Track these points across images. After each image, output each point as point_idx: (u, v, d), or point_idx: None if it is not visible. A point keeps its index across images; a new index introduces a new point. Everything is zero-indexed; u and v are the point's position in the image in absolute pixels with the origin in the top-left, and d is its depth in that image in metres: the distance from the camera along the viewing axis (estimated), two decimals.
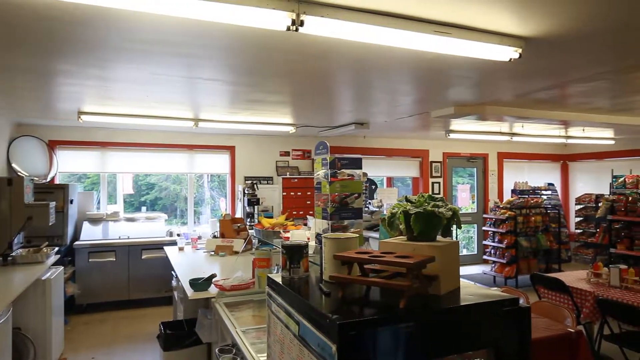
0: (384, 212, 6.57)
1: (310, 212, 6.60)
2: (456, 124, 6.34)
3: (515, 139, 7.48)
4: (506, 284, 6.90)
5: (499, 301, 1.24)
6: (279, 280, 1.51)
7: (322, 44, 2.71)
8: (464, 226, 8.94)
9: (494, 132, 7.08)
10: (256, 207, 6.50)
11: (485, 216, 8.04)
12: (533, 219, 7.38)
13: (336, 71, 3.44)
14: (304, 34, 2.29)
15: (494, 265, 7.49)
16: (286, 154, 7.63)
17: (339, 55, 2.98)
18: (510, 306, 1.24)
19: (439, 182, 8.78)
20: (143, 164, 6.86)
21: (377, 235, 5.50)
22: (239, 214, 6.80)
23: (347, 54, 2.95)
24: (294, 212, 6.72)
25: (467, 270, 8.25)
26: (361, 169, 2.20)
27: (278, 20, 2.09)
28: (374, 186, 7.97)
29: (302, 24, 2.10)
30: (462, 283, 1.40)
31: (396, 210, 1.50)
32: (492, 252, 7.55)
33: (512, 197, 8.42)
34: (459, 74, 3.50)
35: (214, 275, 3.15)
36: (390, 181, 8.92)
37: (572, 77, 3.63)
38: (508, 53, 2.65)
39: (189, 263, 4.28)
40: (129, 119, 5.33)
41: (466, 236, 9.30)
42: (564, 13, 2.25)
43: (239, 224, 5.24)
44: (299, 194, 7.15)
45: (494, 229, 7.51)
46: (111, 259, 5.90)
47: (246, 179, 7.19)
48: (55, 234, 5.46)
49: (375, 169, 8.28)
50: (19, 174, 5.74)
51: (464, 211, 9.09)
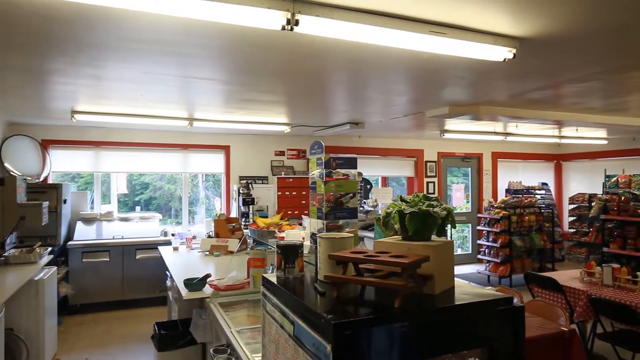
0: (379, 212, 6.59)
1: (305, 212, 6.59)
2: (451, 123, 6.37)
3: (510, 138, 7.52)
4: (500, 283, 6.93)
5: (493, 300, 1.25)
6: (273, 280, 1.51)
7: (317, 43, 2.71)
8: (458, 226, 8.97)
9: (488, 132, 7.11)
10: (251, 206, 6.49)
11: (479, 216, 8.07)
12: (527, 218, 7.42)
13: (331, 71, 3.44)
14: (299, 33, 2.29)
15: (488, 264, 7.53)
16: (281, 153, 7.63)
17: (334, 55, 2.98)
18: (505, 305, 1.25)
19: (433, 182, 8.81)
20: (137, 163, 6.82)
21: (372, 234, 5.51)
22: (233, 214, 6.78)
23: (342, 53, 2.95)
24: (289, 212, 6.72)
25: (462, 269, 8.29)
26: (356, 168, 2.20)
27: (273, 19, 2.09)
28: (369, 186, 7.97)
29: (297, 23, 2.10)
30: (456, 282, 1.40)
31: (391, 210, 1.50)
32: (487, 251, 7.58)
33: (506, 196, 8.47)
34: (453, 74, 3.51)
35: (208, 275, 3.14)
36: (385, 181, 8.93)
37: (566, 78, 3.65)
38: (502, 53, 2.66)
39: (183, 263, 4.27)
40: (123, 118, 5.30)
41: (460, 235, 9.33)
42: (558, 14, 2.26)
43: (233, 224, 5.23)
44: (294, 193, 7.15)
45: (488, 229, 7.55)
46: (105, 259, 5.87)
47: (241, 178, 7.18)
48: (49, 234, 5.42)
49: (370, 168, 8.29)
50: (11, 173, 5.69)
51: (458, 211, 9.13)
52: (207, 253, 4.69)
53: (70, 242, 5.77)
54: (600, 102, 4.86)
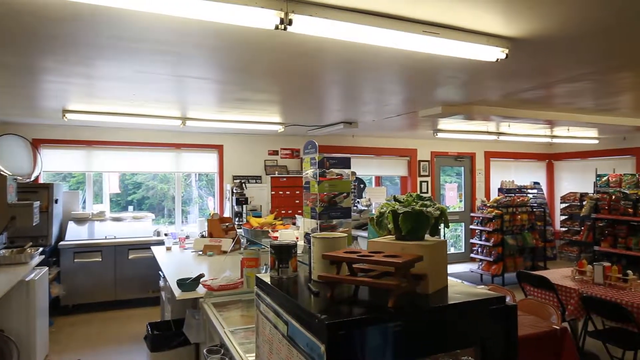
0: (373, 211, 6.60)
1: (299, 212, 6.59)
2: (444, 123, 6.39)
3: (502, 138, 7.56)
4: (493, 282, 6.98)
5: (486, 300, 1.26)
6: (267, 280, 1.50)
7: (310, 43, 2.70)
8: (451, 225, 9.01)
9: (481, 131, 7.14)
10: (244, 206, 6.48)
11: (472, 215, 8.11)
12: (519, 217, 7.48)
13: (325, 70, 3.44)
14: (293, 32, 2.28)
15: (481, 263, 7.57)
16: (275, 153, 7.61)
17: (328, 54, 2.98)
18: (497, 304, 1.25)
19: (427, 181, 8.84)
20: (130, 163, 6.77)
21: (366, 234, 5.52)
22: (227, 214, 6.76)
23: (336, 53, 2.95)
24: (283, 212, 6.72)
25: (455, 268, 8.33)
26: (350, 168, 2.20)
27: (266, 18, 2.08)
28: (362, 185, 7.99)
29: (290, 22, 2.10)
30: (449, 281, 1.41)
31: (385, 209, 1.50)
32: (479, 250, 7.62)
33: (498, 195, 8.52)
34: (446, 74, 3.52)
35: (201, 275, 3.13)
36: (379, 180, 8.95)
37: (557, 78, 3.68)
38: (495, 53, 2.68)
39: (176, 263, 4.25)
40: (115, 117, 5.26)
41: (454, 234, 9.38)
42: (549, 14, 2.28)
43: (227, 224, 5.21)
44: (287, 193, 7.14)
45: (481, 228, 7.59)
46: (97, 259, 5.82)
47: (234, 178, 7.16)
48: (40, 234, 5.37)
49: (363, 168, 8.30)
50: (1, 173, 5.62)
51: (451, 210, 9.17)
52: (201, 253, 4.67)
53: (61, 243, 5.72)
54: (591, 102, 4.90)
